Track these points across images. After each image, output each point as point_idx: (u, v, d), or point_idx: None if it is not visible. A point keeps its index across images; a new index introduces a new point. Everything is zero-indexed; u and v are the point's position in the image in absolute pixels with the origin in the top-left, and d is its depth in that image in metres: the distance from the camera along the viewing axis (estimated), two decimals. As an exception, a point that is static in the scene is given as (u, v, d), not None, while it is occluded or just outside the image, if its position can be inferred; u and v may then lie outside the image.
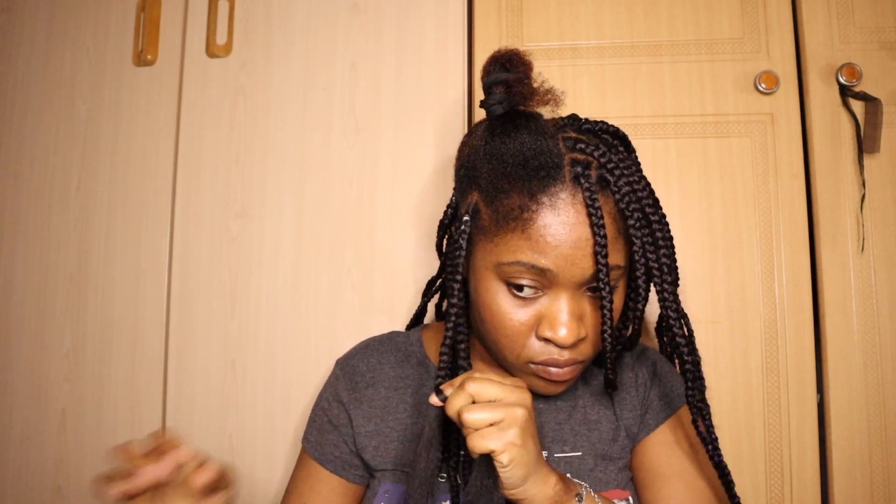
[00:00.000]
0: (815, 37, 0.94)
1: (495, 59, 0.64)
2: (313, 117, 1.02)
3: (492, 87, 0.64)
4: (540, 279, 0.60)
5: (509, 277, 0.61)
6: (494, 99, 0.63)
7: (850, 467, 0.87)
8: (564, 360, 0.62)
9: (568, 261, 0.59)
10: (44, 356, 1.03)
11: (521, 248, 0.59)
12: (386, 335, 0.81)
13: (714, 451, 0.65)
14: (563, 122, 0.65)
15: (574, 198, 0.59)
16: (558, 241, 0.58)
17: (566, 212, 0.59)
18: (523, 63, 0.64)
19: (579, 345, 0.63)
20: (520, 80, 0.63)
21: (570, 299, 0.61)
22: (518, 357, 0.64)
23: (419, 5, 1.02)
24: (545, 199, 0.59)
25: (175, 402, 0.99)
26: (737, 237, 0.93)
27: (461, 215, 0.65)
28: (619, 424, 0.71)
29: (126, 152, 1.05)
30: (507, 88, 0.63)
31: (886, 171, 0.91)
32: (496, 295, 0.62)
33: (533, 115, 0.63)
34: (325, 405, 0.77)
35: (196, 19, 1.06)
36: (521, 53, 0.64)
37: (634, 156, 0.66)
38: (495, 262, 0.61)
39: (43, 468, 1.01)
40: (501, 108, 0.63)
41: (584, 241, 0.59)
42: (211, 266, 1.01)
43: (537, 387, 0.66)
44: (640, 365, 0.74)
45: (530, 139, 0.60)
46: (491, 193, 0.61)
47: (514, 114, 0.62)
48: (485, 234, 0.62)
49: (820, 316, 0.91)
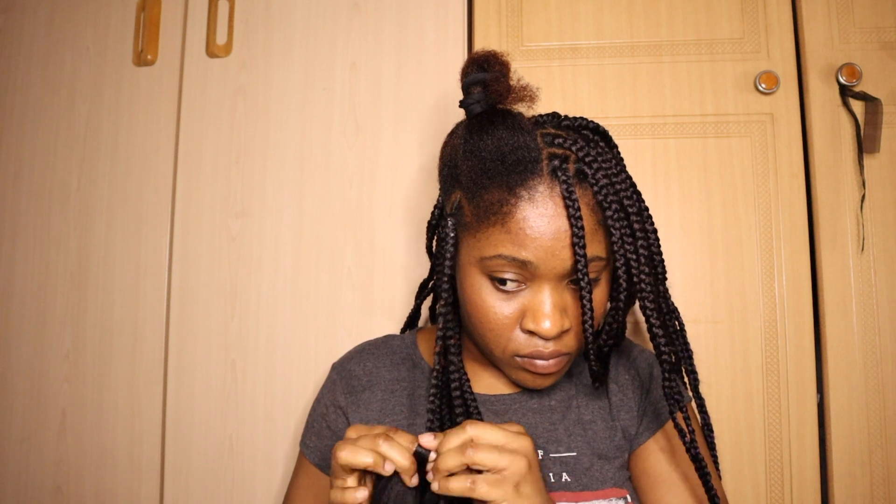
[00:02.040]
0: (815, 37, 0.94)
1: (473, 60, 0.65)
2: (313, 117, 1.02)
3: (470, 87, 0.65)
4: (522, 272, 0.61)
5: (492, 271, 0.62)
6: (472, 98, 0.64)
7: (850, 467, 0.87)
8: (549, 353, 0.63)
9: (548, 252, 0.60)
10: (44, 356, 1.03)
11: (501, 241, 0.61)
12: (381, 338, 0.81)
13: (691, 444, 0.64)
14: (542, 118, 0.67)
15: (552, 190, 0.60)
16: (537, 233, 0.60)
17: (544, 204, 0.60)
18: (500, 63, 0.64)
19: (563, 337, 0.64)
20: (496, 79, 0.63)
21: (553, 291, 0.62)
22: (504, 351, 0.65)
23: (419, 5, 1.02)
24: (523, 192, 0.60)
25: (175, 402, 0.99)
26: (737, 237, 0.93)
27: (446, 214, 0.66)
28: (615, 424, 0.71)
29: (126, 152, 1.05)
30: (485, 87, 0.64)
31: (886, 171, 0.91)
32: (480, 290, 0.64)
33: (510, 113, 0.63)
34: (322, 410, 0.77)
35: (196, 19, 1.06)
36: (498, 54, 0.65)
37: (616, 151, 0.67)
38: (478, 256, 0.63)
39: (43, 468, 1.01)
40: (479, 106, 0.64)
41: (562, 233, 0.60)
42: (211, 266, 1.01)
43: (524, 380, 0.67)
44: (638, 366, 0.75)
45: (508, 135, 0.61)
46: (472, 190, 0.62)
47: (491, 112, 0.63)
48: (467, 231, 0.64)
49: (820, 316, 0.91)
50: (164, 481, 0.98)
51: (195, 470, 0.97)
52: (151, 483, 0.98)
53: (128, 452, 0.99)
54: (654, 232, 0.65)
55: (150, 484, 0.98)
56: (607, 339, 0.67)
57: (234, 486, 0.96)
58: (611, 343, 0.69)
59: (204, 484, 0.97)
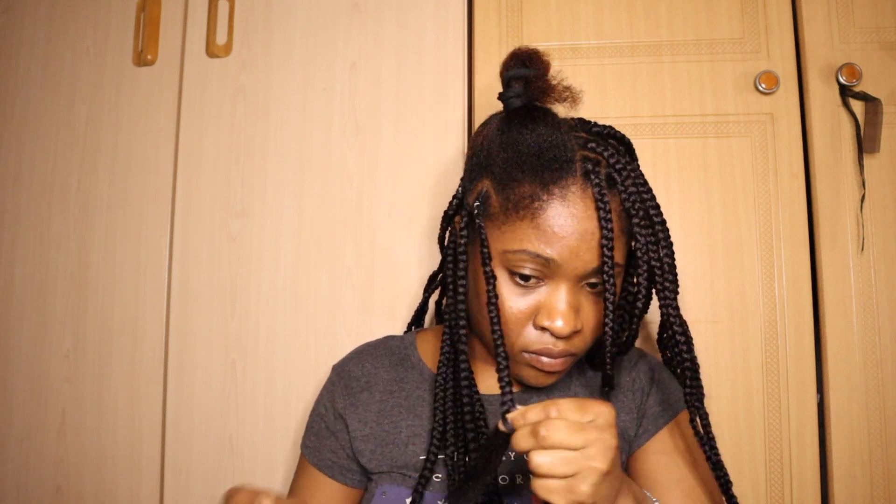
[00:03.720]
0: (815, 37, 0.94)
1: (516, 55, 0.67)
2: (313, 117, 1.02)
3: (511, 81, 0.66)
4: (543, 269, 0.62)
5: (513, 265, 0.63)
6: (513, 92, 0.66)
7: (850, 467, 0.87)
8: (559, 351, 0.64)
9: (572, 252, 0.61)
10: (44, 356, 1.03)
11: (528, 236, 0.61)
12: (380, 340, 0.81)
13: (712, 450, 0.65)
14: (573, 122, 0.67)
15: (584, 192, 0.61)
16: (566, 231, 0.60)
17: (575, 204, 0.61)
18: (542, 62, 0.66)
19: (574, 338, 0.64)
20: (539, 76, 0.65)
21: (569, 291, 0.62)
22: (513, 346, 0.65)
23: (419, 5, 1.02)
24: (556, 190, 0.61)
25: (175, 402, 0.99)
26: (737, 237, 0.93)
27: (469, 202, 0.66)
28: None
29: (126, 152, 1.05)
30: (526, 83, 0.65)
31: (886, 171, 0.91)
32: (498, 282, 0.64)
33: (549, 111, 0.65)
34: (321, 411, 0.78)
35: (196, 19, 1.06)
36: (541, 53, 0.66)
37: (637, 164, 0.69)
38: (500, 249, 0.63)
39: (43, 468, 1.01)
40: (519, 101, 0.65)
41: (590, 235, 0.61)
42: (211, 266, 1.01)
43: (528, 377, 0.67)
44: (638, 370, 0.75)
45: (547, 132, 0.62)
46: (503, 181, 0.63)
47: (531, 108, 0.64)
48: (492, 222, 0.64)
49: (820, 316, 0.91)
50: (164, 481, 0.98)
51: (195, 470, 0.97)
52: (151, 483, 0.98)
53: (128, 452, 0.99)
54: (672, 245, 0.66)
55: (150, 484, 0.98)
56: (623, 347, 0.68)
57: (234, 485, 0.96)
58: (625, 350, 0.70)
59: (204, 484, 0.97)
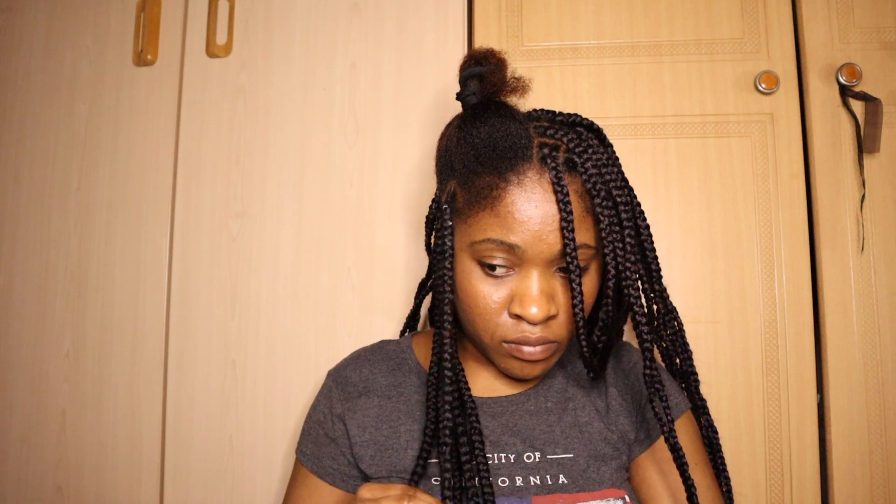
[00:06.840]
0: (815, 37, 0.94)
1: (471, 56, 0.68)
2: (313, 117, 1.02)
3: (467, 81, 0.67)
4: (510, 257, 0.63)
5: (481, 256, 0.64)
6: (469, 90, 0.66)
7: (850, 467, 0.87)
8: (536, 338, 0.64)
9: (535, 237, 0.61)
10: (44, 356, 1.03)
11: (490, 225, 0.62)
12: (376, 344, 0.81)
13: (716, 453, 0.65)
14: (536, 113, 0.68)
15: (541, 176, 0.62)
16: (525, 216, 0.61)
17: (533, 189, 0.61)
18: (497, 58, 0.67)
19: (551, 324, 0.64)
20: (492, 72, 0.66)
21: (541, 277, 0.63)
22: (493, 337, 0.66)
23: (419, 5, 1.02)
24: (513, 177, 0.62)
25: (175, 402, 0.99)
26: (737, 237, 0.93)
27: (441, 204, 0.67)
28: (613, 427, 0.71)
29: (126, 152, 1.05)
30: (481, 80, 0.66)
31: (886, 171, 0.91)
32: (470, 275, 0.65)
33: (504, 103, 0.65)
34: (319, 418, 0.77)
35: (196, 19, 1.06)
36: (496, 51, 0.67)
37: (611, 150, 0.68)
38: (468, 241, 0.64)
39: (43, 468, 1.01)
40: (475, 98, 0.66)
41: (550, 218, 0.61)
42: (211, 266, 1.01)
43: (513, 368, 0.67)
44: (638, 373, 0.74)
45: (500, 122, 0.62)
46: (464, 176, 0.64)
47: (487, 103, 0.65)
48: (459, 217, 0.65)
49: (820, 316, 0.91)
50: (164, 481, 0.98)
51: (195, 470, 0.97)
52: (151, 483, 0.98)
53: (128, 452, 0.99)
54: (646, 228, 0.66)
55: (150, 484, 0.98)
56: (601, 335, 0.67)
57: (234, 486, 0.96)
58: (604, 339, 0.68)
59: (204, 484, 0.97)
